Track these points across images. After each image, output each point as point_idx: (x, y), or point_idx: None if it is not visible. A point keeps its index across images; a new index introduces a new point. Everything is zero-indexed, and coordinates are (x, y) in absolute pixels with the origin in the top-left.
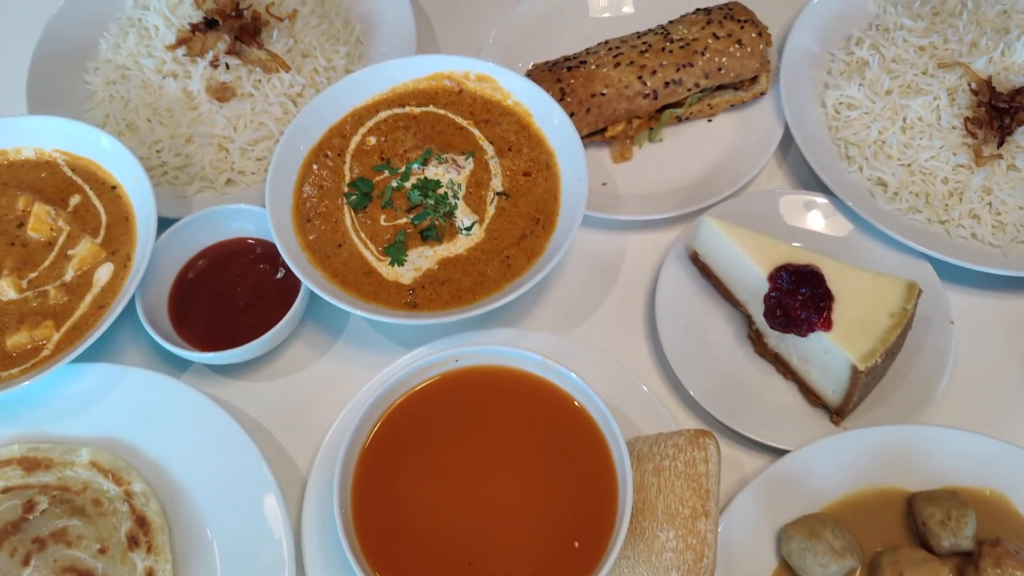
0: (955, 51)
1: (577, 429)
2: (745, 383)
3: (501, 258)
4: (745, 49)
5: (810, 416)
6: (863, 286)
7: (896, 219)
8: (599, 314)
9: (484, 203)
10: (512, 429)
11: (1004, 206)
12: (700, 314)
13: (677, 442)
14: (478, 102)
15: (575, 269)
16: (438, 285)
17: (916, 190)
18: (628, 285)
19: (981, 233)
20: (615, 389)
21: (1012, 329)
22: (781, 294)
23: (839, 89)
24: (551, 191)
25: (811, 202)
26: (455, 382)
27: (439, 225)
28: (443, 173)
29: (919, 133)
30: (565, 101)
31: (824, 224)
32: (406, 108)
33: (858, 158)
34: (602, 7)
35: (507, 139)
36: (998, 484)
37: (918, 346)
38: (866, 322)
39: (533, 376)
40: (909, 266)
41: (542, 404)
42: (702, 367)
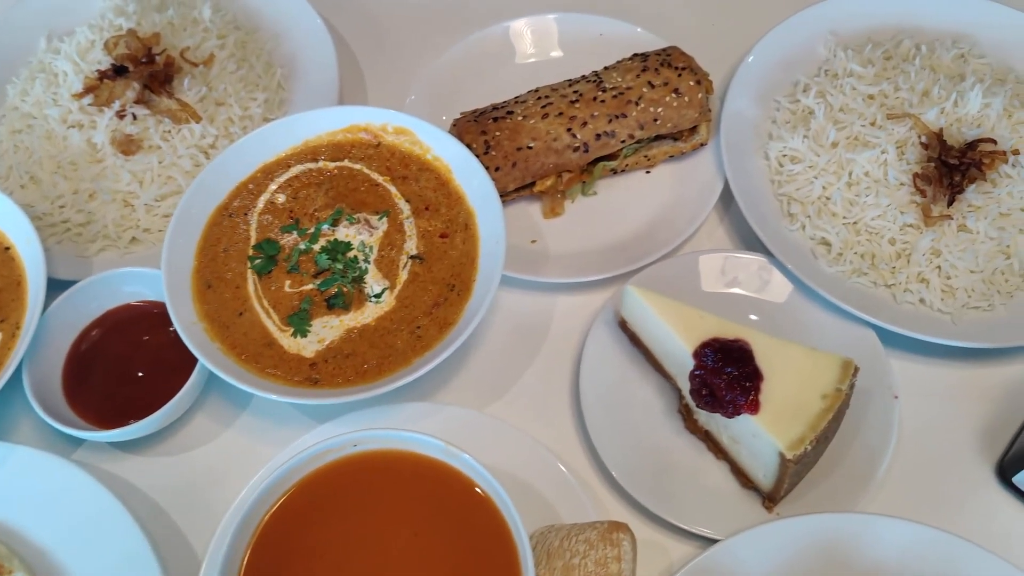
0: (906, 100)
1: (481, 521)
2: (674, 462)
3: (411, 328)
4: (683, 98)
5: (742, 500)
6: (795, 363)
7: (839, 283)
8: (521, 385)
9: (396, 267)
10: (412, 520)
11: (954, 270)
12: (629, 385)
13: (589, 537)
14: (396, 156)
15: (497, 335)
16: (342, 359)
17: (861, 251)
18: (554, 353)
19: (929, 299)
20: (532, 471)
21: (961, 402)
22: (706, 373)
23: (783, 140)
24: (469, 254)
25: (750, 263)
26: (354, 468)
27: (347, 292)
28: (355, 234)
29: (865, 189)
30: (490, 155)
31: (764, 287)
32: (319, 163)
33: (801, 215)
34: (529, 52)
35: (425, 197)
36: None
37: (859, 422)
38: (796, 405)
39: (437, 462)
40: (852, 333)
41: (445, 493)
42: (628, 444)
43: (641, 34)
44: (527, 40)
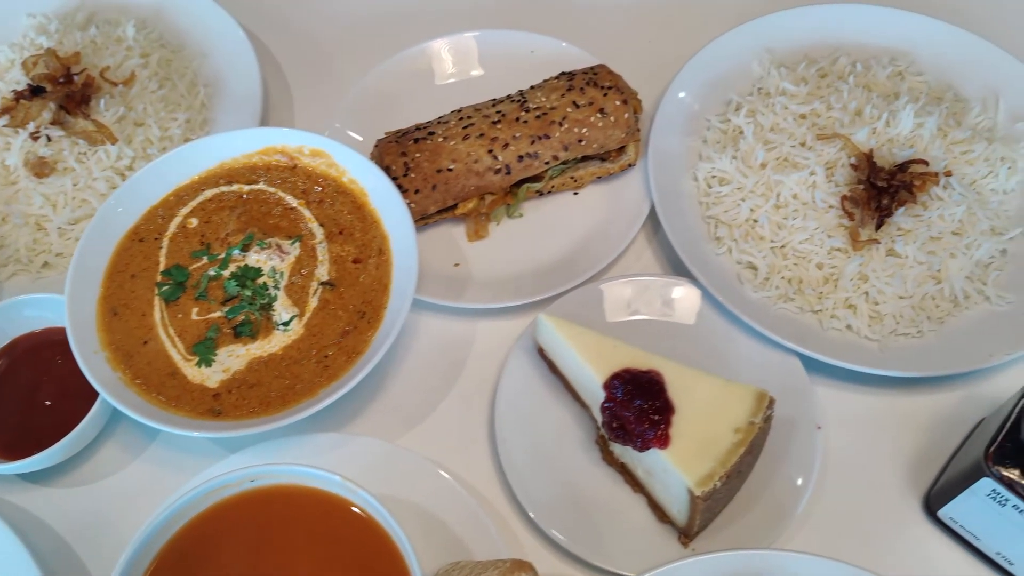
0: (838, 120)
1: (380, 558)
2: (590, 495)
3: (319, 358)
4: (608, 118)
5: (659, 535)
6: (708, 396)
7: (765, 309)
8: (438, 415)
9: (307, 294)
10: (310, 557)
11: (882, 295)
12: (547, 414)
13: None
14: (312, 179)
15: (415, 362)
16: (246, 389)
17: (788, 276)
18: (473, 381)
19: (857, 325)
20: (442, 505)
21: (889, 432)
22: (615, 405)
23: (711, 161)
24: (381, 280)
25: (675, 288)
26: (252, 503)
27: (254, 320)
28: (265, 260)
29: (793, 212)
30: (409, 177)
31: (688, 313)
32: (234, 186)
33: (727, 239)
34: (448, 72)
35: (340, 221)
36: None
37: (781, 454)
38: (707, 439)
39: (336, 497)
40: (777, 360)
41: (344, 528)
42: (543, 476)
43: (573, 51)
44: (454, 58)
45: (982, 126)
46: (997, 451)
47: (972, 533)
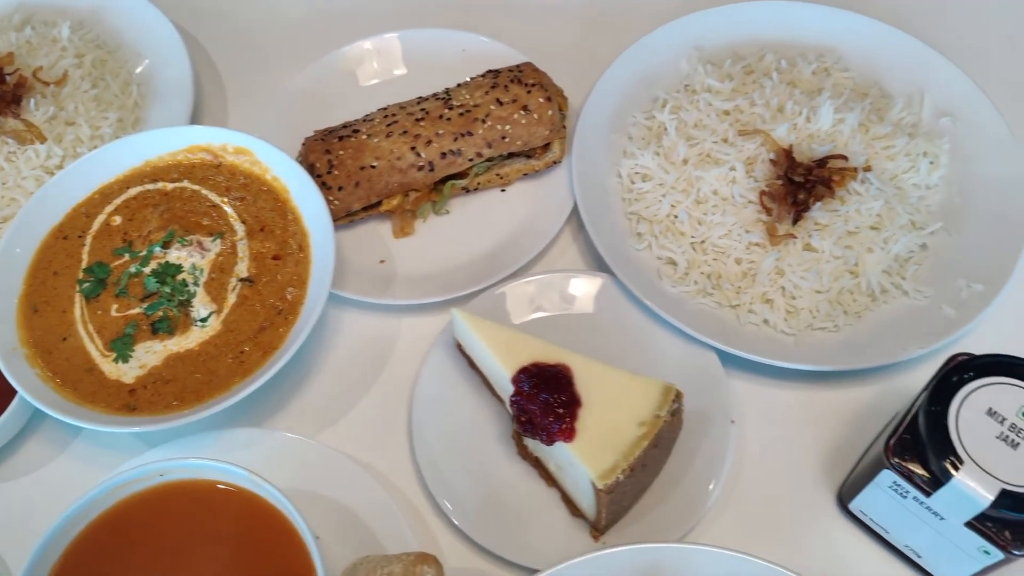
0: (760, 116)
1: (287, 551)
2: (505, 490)
3: (235, 353)
4: (532, 115)
5: (571, 529)
6: (615, 389)
7: (682, 304)
8: (359, 410)
9: (225, 291)
10: (218, 551)
11: (798, 290)
12: (464, 409)
13: (393, 571)
14: (236, 176)
15: (338, 359)
16: (162, 385)
17: (707, 271)
18: (396, 376)
19: (773, 319)
20: (358, 500)
21: (805, 427)
22: (522, 398)
23: (635, 158)
24: (300, 277)
25: (595, 284)
26: (161, 497)
27: (172, 316)
28: (186, 257)
29: (712, 208)
30: (333, 174)
31: (607, 308)
32: (159, 184)
33: (648, 235)
34: (372, 73)
35: (261, 218)
36: None
37: (696, 448)
38: (611, 432)
39: (244, 491)
40: (694, 355)
41: (252, 522)
42: (459, 471)
43: (503, 50)
44: (382, 58)
45: (906, 122)
46: (897, 444)
47: (881, 526)
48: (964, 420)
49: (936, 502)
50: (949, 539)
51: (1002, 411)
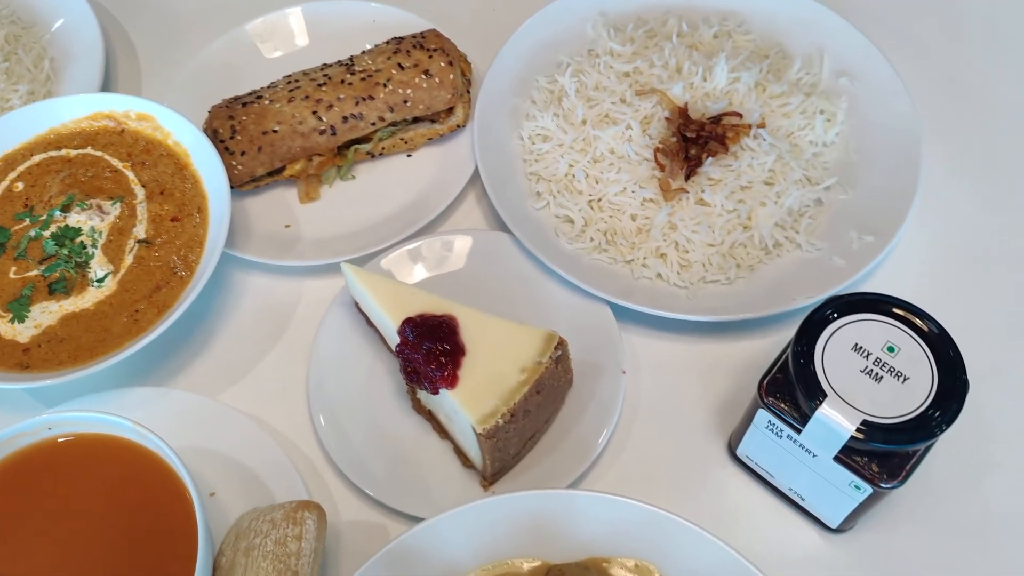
0: (658, 77)
1: (172, 505)
2: (399, 443)
3: (130, 312)
4: (433, 80)
5: (463, 479)
6: (499, 339)
7: (578, 260)
8: (261, 370)
9: (123, 252)
10: (103, 502)
11: (691, 244)
12: (360, 366)
13: (274, 517)
14: (139, 142)
15: (241, 321)
16: (56, 343)
17: (603, 228)
18: (297, 337)
19: (666, 273)
20: (254, 457)
21: (697, 377)
22: (407, 348)
23: (535, 120)
24: (197, 238)
25: (495, 242)
26: (50, 451)
27: (70, 277)
28: (86, 220)
29: (608, 166)
30: (236, 139)
31: (504, 265)
32: (63, 151)
33: (546, 194)
34: (275, 45)
35: (162, 182)
36: (647, 555)
37: (588, 399)
38: (493, 379)
39: (133, 445)
40: (589, 310)
41: (137, 473)
42: (354, 426)
43: (413, 19)
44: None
45: (804, 81)
46: (770, 384)
47: (766, 470)
48: (830, 356)
49: (806, 438)
50: (824, 477)
51: (868, 346)
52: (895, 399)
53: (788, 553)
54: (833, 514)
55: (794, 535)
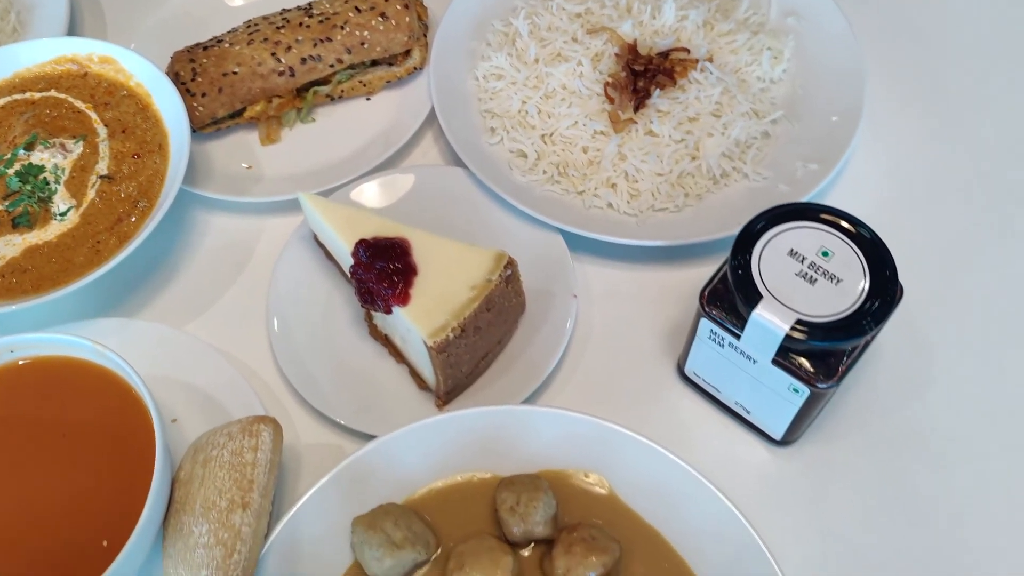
0: (609, 16)
1: (132, 423)
2: (356, 368)
3: (92, 243)
4: (390, 22)
5: (418, 400)
6: (450, 259)
7: (531, 191)
8: (223, 302)
9: (85, 187)
10: (64, 422)
11: (640, 173)
12: (319, 297)
13: (231, 430)
14: (102, 85)
15: (204, 257)
16: (19, 274)
17: (555, 160)
18: (258, 271)
19: (617, 203)
20: (217, 384)
21: (648, 303)
22: (360, 268)
23: (489, 60)
24: (159, 173)
25: (450, 176)
26: (11, 374)
27: (33, 211)
28: (49, 158)
29: (560, 101)
30: (196, 81)
31: (460, 198)
32: (27, 94)
33: (500, 130)
34: None
35: (123, 121)
36: (598, 467)
37: (540, 323)
38: (445, 296)
39: (93, 366)
40: (542, 239)
41: (98, 394)
42: (313, 354)
43: None
44: None
45: (752, 20)
46: (711, 293)
47: (713, 386)
48: (766, 262)
49: (745, 342)
50: (765, 384)
51: (803, 251)
52: (829, 299)
53: (736, 467)
54: (777, 424)
55: (741, 449)
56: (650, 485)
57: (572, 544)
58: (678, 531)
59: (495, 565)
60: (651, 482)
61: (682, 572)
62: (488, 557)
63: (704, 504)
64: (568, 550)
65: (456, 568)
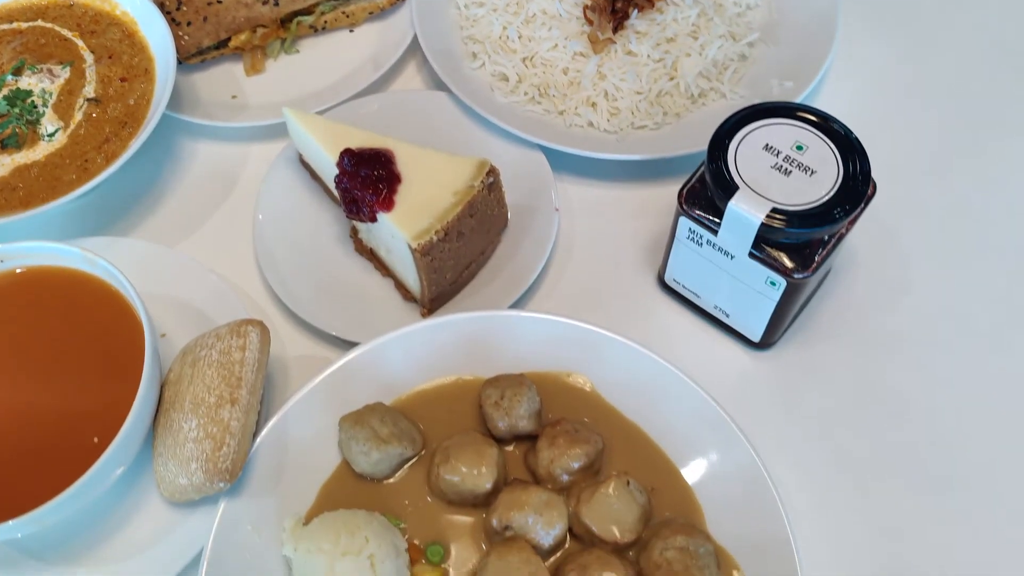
0: None
1: (121, 329)
2: (342, 282)
3: (80, 162)
4: None
5: (404, 311)
6: (434, 168)
7: (513, 112)
8: (211, 225)
9: (73, 109)
10: (54, 329)
11: (619, 92)
12: (305, 216)
13: (219, 332)
14: (88, 13)
15: (193, 180)
16: (8, 192)
17: (536, 82)
18: (245, 194)
19: (597, 120)
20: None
21: (628, 218)
22: (345, 177)
23: None
24: (145, 96)
25: (433, 100)
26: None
27: (21, 132)
28: (36, 83)
29: (540, 25)
30: (182, 10)
31: (444, 122)
32: (14, 24)
33: (482, 54)
34: None
35: (110, 47)
36: (581, 368)
37: (523, 236)
38: (429, 201)
39: (84, 275)
40: (524, 157)
41: (88, 301)
42: (299, 269)
43: None
44: None
45: None
46: (688, 193)
47: (692, 291)
48: (742, 156)
49: (723, 237)
50: (743, 281)
51: (777, 146)
52: (803, 190)
53: (715, 370)
54: (755, 325)
55: (721, 353)
56: (630, 383)
57: (556, 437)
58: (657, 426)
59: (480, 456)
60: (631, 380)
61: (661, 462)
62: (473, 448)
63: (682, 399)
64: (552, 442)
65: (442, 461)
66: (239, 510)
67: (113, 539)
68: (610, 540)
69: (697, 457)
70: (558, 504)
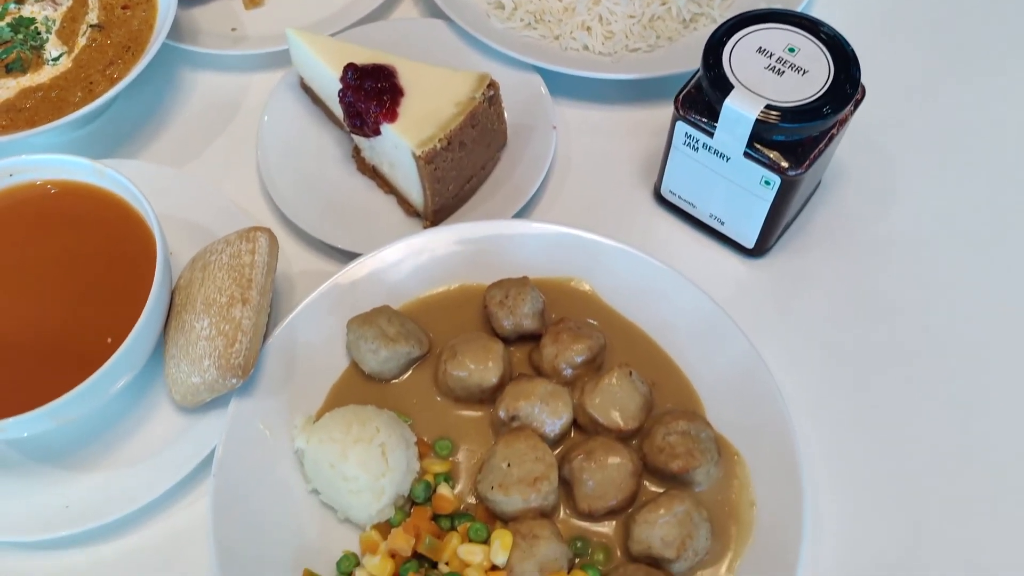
0: None
1: (132, 237)
2: (346, 200)
3: (85, 85)
4: None
5: (407, 226)
6: (436, 82)
7: (509, 37)
8: (214, 149)
9: (76, 35)
10: (65, 240)
11: (613, 15)
12: (307, 139)
13: (228, 238)
14: None
15: (197, 107)
16: (15, 113)
17: (532, 8)
18: (249, 120)
19: (592, 44)
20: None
21: (625, 138)
22: (349, 90)
23: None
24: (147, 22)
25: (432, 27)
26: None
27: (25, 57)
28: (39, 11)
29: None
30: None
31: (443, 50)
32: None
33: None
34: None
35: None
36: (581, 274)
37: (522, 152)
38: (431, 112)
39: (93, 187)
40: (521, 80)
41: (98, 211)
42: (303, 188)
43: None
44: None
45: None
46: (685, 98)
47: (688, 201)
48: (736, 58)
49: (719, 139)
50: (738, 183)
51: (770, 48)
52: (796, 88)
53: (711, 278)
54: (749, 230)
55: (716, 260)
56: (630, 287)
57: (559, 333)
58: (656, 325)
59: (486, 351)
60: (631, 284)
61: (661, 358)
62: (479, 344)
63: (680, 298)
64: (556, 339)
65: (449, 357)
66: (250, 409)
67: (126, 443)
68: (614, 428)
69: (696, 352)
70: (563, 394)
